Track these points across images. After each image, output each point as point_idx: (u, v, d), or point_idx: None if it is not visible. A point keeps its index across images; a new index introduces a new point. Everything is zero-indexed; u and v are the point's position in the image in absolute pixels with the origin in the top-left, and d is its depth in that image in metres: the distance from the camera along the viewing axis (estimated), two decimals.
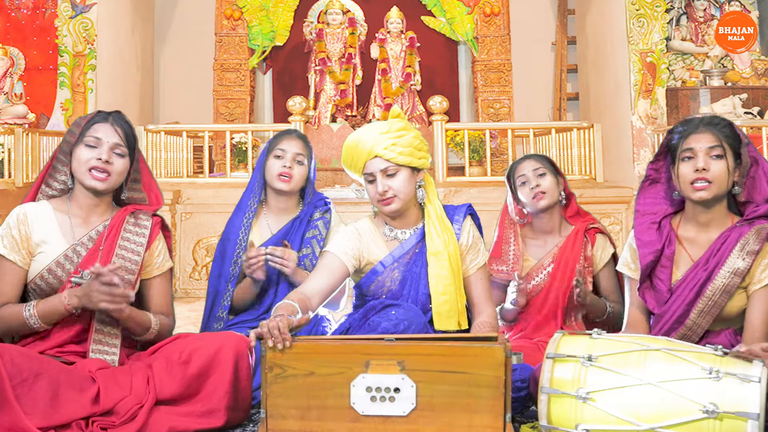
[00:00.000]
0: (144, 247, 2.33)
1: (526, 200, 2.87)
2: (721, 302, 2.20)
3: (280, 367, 1.95)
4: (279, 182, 2.78)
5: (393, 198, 2.39)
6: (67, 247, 2.26)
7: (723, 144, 2.21)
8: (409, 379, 1.92)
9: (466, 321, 2.44)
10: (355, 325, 2.33)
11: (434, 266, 2.40)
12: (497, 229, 2.95)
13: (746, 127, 5.58)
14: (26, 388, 1.96)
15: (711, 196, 2.22)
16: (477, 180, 5.94)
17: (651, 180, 2.39)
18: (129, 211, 2.35)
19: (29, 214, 2.27)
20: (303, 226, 2.82)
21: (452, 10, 7.82)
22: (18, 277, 2.24)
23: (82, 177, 2.26)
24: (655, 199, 2.37)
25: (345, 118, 7.38)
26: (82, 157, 2.25)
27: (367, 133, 2.42)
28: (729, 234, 2.23)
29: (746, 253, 2.18)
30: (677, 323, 2.24)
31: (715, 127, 2.24)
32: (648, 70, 6.13)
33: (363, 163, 2.39)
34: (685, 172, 2.23)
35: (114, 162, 2.27)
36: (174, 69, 8.45)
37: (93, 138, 2.27)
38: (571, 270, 2.82)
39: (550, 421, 1.91)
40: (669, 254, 2.29)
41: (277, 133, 2.94)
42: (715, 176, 2.20)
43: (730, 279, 2.19)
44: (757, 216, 2.23)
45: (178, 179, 6.04)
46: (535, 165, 2.88)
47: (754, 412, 1.74)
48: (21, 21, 7.06)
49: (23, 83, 7.00)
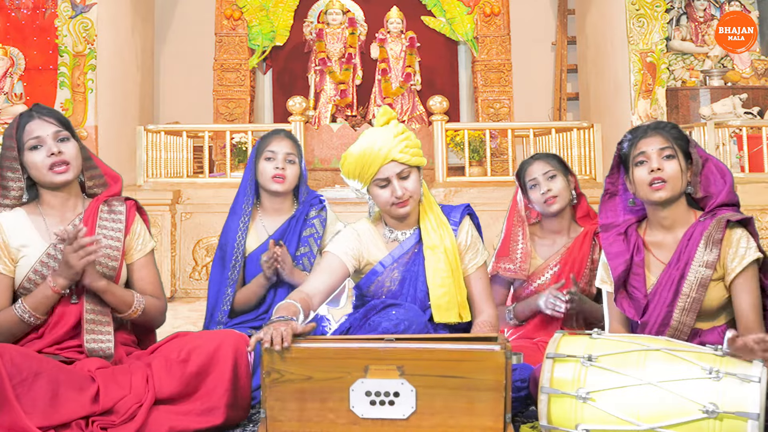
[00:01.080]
0: (122, 233, 2.33)
1: (538, 204, 2.86)
2: (700, 297, 2.23)
3: (278, 372, 1.94)
4: (274, 184, 2.78)
5: (409, 200, 2.38)
6: (47, 246, 2.26)
7: (673, 145, 2.28)
8: (409, 383, 1.92)
9: (469, 313, 2.43)
10: (356, 325, 2.33)
11: (431, 259, 2.40)
12: (504, 226, 2.94)
13: (746, 127, 5.58)
14: (26, 388, 1.96)
15: (669, 195, 2.26)
16: (477, 180, 5.93)
17: (609, 193, 2.44)
18: (101, 201, 2.35)
19: (3, 223, 2.26)
20: (299, 225, 2.82)
21: (452, 10, 7.82)
22: (5, 285, 2.24)
23: (46, 178, 2.25)
24: (615, 212, 2.42)
25: (345, 118, 7.38)
26: (36, 160, 2.24)
27: (379, 138, 2.36)
28: (694, 229, 2.27)
29: (712, 244, 2.22)
30: (663, 326, 2.25)
31: (662, 130, 2.31)
32: (648, 70, 6.13)
33: (378, 168, 2.33)
34: (641, 175, 2.28)
35: (64, 149, 2.25)
36: (174, 69, 8.45)
37: (33, 139, 2.24)
38: (577, 272, 2.81)
39: (550, 421, 1.91)
40: (639, 261, 2.32)
41: (265, 134, 2.92)
42: (669, 175, 2.25)
43: (703, 272, 2.22)
44: (717, 206, 2.29)
45: (178, 179, 6.04)
46: (545, 168, 2.85)
47: (754, 412, 1.74)
48: (21, 21, 7.06)
49: (23, 83, 7.00)
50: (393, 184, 2.35)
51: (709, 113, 6.48)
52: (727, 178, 2.31)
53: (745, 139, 5.55)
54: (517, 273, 2.84)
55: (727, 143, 5.58)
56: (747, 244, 2.22)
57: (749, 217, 2.28)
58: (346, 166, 2.42)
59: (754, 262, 2.21)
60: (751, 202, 4.66)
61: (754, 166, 5.59)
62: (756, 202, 4.99)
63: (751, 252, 2.21)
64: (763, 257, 2.23)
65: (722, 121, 5.77)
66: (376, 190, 2.39)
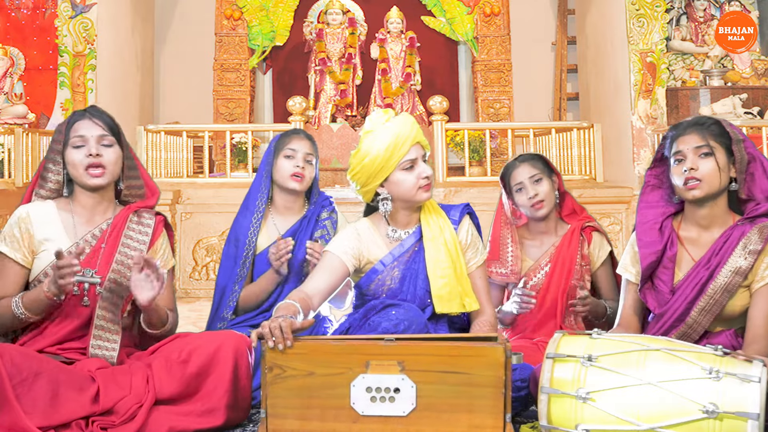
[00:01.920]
0: (147, 245, 2.34)
1: (524, 207, 2.86)
2: (723, 301, 2.20)
3: (280, 367, 1.94)
4: (292, 182, 2.79)
5: (431, 184, 2.42)
6: (70, 245, 2.26)
7: (710, 142, 2.24)
8: (409, 379, 1.92)
9: (475, 301, 2.42)
10: (356, 325, 2.33)
11: (431, 251, 2.41)
12: (492, 229, 2.93)
13: (746, 127, 5.58)
14: (26, 388, 1.96)
15: (703, 195, 2.23)
16: (477, 180, 5.93)
17: (652, 186, 2.41)
18: (132, 210, 2.36)
19: (32, 214, 2.28)
20: (311, 226, 2.83)
21: (452, 10, 7.82)
22: (19, 275, 2.25)
23: (81, 178, 2.28)
24: (658, 202, 2.39)
25: (345, 118, 7.38)
26: (75, 159, 2.27)
27: (406, 123, 2.42)
28: (731, 233, 2.23)
29: (748, 252, 2.19)
30: (678, 321, 2.24)
31: (701, 127, 2.27)
32: (648, 70, 6.13)
33: (408, 149, 2.37)
34: (677, 173, 2.27)
35: (104, 153, 2.27)
36: (174, 69, 8.45)
37: (77, 137, 2.28)
38: (568, 269, 2.81)
39: (550, 421, 1.91)
40: (671, 255, 2.30)
41: (284, 132, 2.94)
42: (704, 175, 2.22)
43: (732, 278, 2.19)
44: (759, 214, 2.24)
45: (178, 179, 6.04)
46: (531, 171, 2.84)
47: (754, 412, 1.74)
48: (21, 21, 7.06)
49: (23, 83, 7.00)
50: (420, 165, 2.39)
51: (709, 113, 6.48)
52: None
53: None
54: (509, 276, 2.84)
55: None
56: None
57: None
58: (370, 160, 2.37)
59: None
60: None
61: None
62: None
63: None
64: None
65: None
66: (400, 177, 2.38)
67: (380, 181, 2.40)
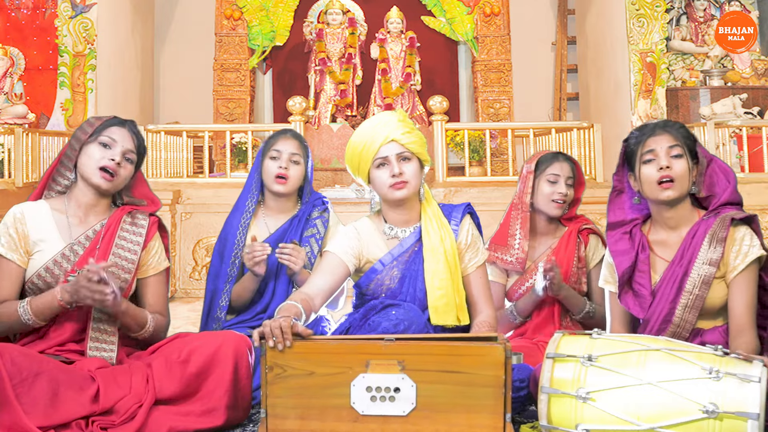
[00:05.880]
0: (140, 246, 2.34)
1: (545, 197, 2.86)
2: (702, 294, 2.23)
3: (281, 367, 1.94)
4: (276, 185, 2.79)
5: (405, 183, 2.38)
6: (64, 246, 2.26)
7: (681, 144, 2.28)
8: (409, 378, 1.92)
9: (467, 316, 2.43)
10: (355, 325, 2.33)
11: (430, 262, 2.40)
12: (503, 216, 2.93)
13: (746, 127, 5.59)
14: (26, 388, 1.96)
15: (677, 195, 2.27)
16: (477, 180, 5.93)
17: (617, 191, 2.44)
18: (126, 211, 2.37)
19: (26, 214, 2.28)
20: (301, 225, 2.82)
21: (452, 10, 7.82)
22: (16, 275, 2.25)
23: (90, 174, 2.28)
24: (622, 209, 2.42)
25: (345, 118, 7.39)
26: (94, 154, 2.27)
27: (383, 119, 2.41)
28: (697, 228, 2.27)
29: (716, 242, 2.22)
30: (665, 323, 2.26)
31: (671, 128, 2.31)
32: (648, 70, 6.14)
33: (379, 147, 2.36)
34: (649, 173, 2.28)
35: (123, 166, 2.30)
36: (174, 69, 8.45)
37: (109, 138, 2.29)
38: (565, 271, 2.82)
39: (550, 421, 1.91)
40: (644, 259, 2.33)
41: (272, 133, 2.94)
42: (678, 174, 2.25)
43: (706, 270, 2.23)
44: (721, 204, 2.29)
45: (178, 179, 6.04)
46: (569, 173, 2.87)
47: (754, 412, 1.74)
48: (21, 21, 7.06)
49: (23, 83, 7.00)
50: (392, 163, 2.36)
51: (709, 113, 6.48)
52: (730, 178, 2.31)
53: (745, 139, 5.56)
54: (513, 265, 2.84)
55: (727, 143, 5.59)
56: (751, 242, 2.23)
57: (753, 215, 2.29)
58: (350, 152, 2.43)
59: (755, 260, 2.22)
60: (751, 202, 4.66)
61: (754, 166, 5.60)
62: (756, 202, 4.99)
63: (754, 250, 2.22)
64: (766, 255, 2.23)
65: (722, 121, 5.77)
66: (375, 174, 2.40)
67: (364, 176, 2.43)
